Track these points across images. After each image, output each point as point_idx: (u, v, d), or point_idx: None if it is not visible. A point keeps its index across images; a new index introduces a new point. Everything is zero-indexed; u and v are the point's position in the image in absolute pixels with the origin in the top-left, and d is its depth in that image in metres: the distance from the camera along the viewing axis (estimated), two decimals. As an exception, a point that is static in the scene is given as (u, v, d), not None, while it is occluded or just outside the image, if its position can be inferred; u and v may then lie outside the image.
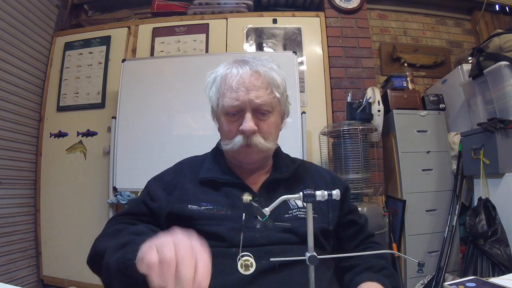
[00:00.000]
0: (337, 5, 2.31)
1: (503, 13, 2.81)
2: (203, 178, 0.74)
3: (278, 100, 0.74)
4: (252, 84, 0.69)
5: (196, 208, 0.68)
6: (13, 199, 2.08)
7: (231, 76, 0.71)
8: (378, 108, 1.97)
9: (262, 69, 0.72)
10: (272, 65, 0.75)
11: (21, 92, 2.19)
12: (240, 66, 0.71)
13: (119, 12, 2.55)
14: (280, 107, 0.76)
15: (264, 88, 0.70)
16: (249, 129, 0.68)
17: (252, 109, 0.69)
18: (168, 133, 2.02)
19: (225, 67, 0.74)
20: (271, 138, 0.73)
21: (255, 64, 0.72)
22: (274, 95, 0.71)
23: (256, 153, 0.72)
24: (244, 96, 0.68)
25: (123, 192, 1.97)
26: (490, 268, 1.56)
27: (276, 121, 0.75)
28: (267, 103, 0.70)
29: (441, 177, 2.03)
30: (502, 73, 1.72)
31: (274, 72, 0.73)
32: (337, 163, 1.83)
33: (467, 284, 0.55)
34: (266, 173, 0.77)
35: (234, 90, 0.69)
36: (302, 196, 0.53)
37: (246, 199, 0.67)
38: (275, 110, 0.73)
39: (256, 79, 0.70)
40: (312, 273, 0.53)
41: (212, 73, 0.76)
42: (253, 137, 0.70)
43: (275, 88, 0.72)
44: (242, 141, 0.70)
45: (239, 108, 0.70)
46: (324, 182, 0.79)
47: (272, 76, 0.72)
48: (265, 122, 0.71)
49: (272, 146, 0.74)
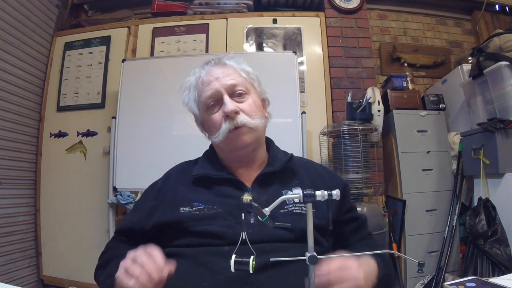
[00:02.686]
0: (337, 5, 2.31)
1: (503, 13, 2.81)
2: (196, 174, 0.74)
3: (251, 83, 0.78)
4: (221, 72, 0.75)
5: (188, 210, 0.69)
6: (13, 199, 2.08)
7: (200, 76, 0.77)
8: (378, 108, 1.97)
9: (225, 60, 0.78)
10: (238, 58, 0.80)
11: (21, 92, 2.19)
12: (206, 64, 0.78)
13: (119, 12, 2.56)
14: (255, 90, 0.78)
15: (232, 73, 0.75)
16: (231, 109, 0.70)
17: (228, 93, 0.73)
18: (168, 133, 2.02)
19: (193, 74, 0.80)
20: (256, 116, 0.74)
21: (218, 59, 0.79)
22: (244, 77, 0.76)
23: (247, 134, 0.72)
24: (217, 83, 0.73)
25: (123, 192, 1.97)
26: (490, 268, 1.56)
27: (255, 101, 0.76)
28: (240, 83, 0.74)
29: (441, 177, 2.03)
30: (502, 73, 1.72)
31: (239, 61, 0.79)
32: (337, 163, 1.83)
33: (467, 284, 0.55)
34: (259, 168, 0.77)
35: (207, 83, 0.74)
36: (302, 196, 0.53)
37: (246, 199, 0.67)
38: (251, 92, 0.76)
39: (224, 67, 0.76)
40: (312, 273, 0.53)
41: (184, 86, 0.82)
42: (237, 117, 0.71)
43: (243, 72, 0.77)
44: (228, 125, 0.71)
45: (216, 96, 0.73)
46: (322, 179, 0.78)
47: (238, 63, 0.78)
48: (245, 103, 0.74)
49: (260, 123, 0.74)
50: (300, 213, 0.68)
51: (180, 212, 0.69)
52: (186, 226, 0.67)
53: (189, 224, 0.67)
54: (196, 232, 0.66)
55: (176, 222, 0.68)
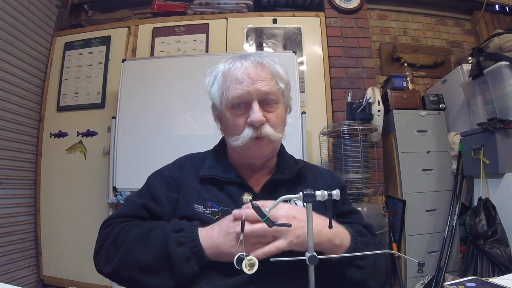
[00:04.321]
0: (337, 5, 2.31)
1: (503, 13, 2.81)
2: (203, 175, 0.72)
3: (283, 93, 0.73)
4: (258, 74, 0.69)
5: (201, 209, 0.67)
6: (13, 199, 2.08)
7: (234, 68, 0.70)
8: (378, 108, 1.97)
9: (266, 60, 0.72)
10: (275, 58, 0.75)
11: (21, 92, 2.19)
12: (244, 59, 0.71)
13: (119, 12, 2.55)
14: (284, 99, 0.75)
15: (269, 78, 0.70)
16: (258, 119, 0.66)
17: (258, 99, 0.68)
18: (168, 133, 2.02)
19: (226, 62, 0.73)
20: (280, 129, 0.71)
21: (258, 56, 0.72)
22: (279, 86, 0.71)
23: (267, 145, 0.70)
24: (250, 86, 0.67)
25: (123, 192, 1.97)
26: (490, 268, 1.56)
27: (282, 113, 0.73)
28: (274, 92, 0.70)
29: (441, 177, 2.03)
30: (502, 73, 1.72)
31: (277, 64, 0.73)
32: (337, 163, 1.82)
33: (467, 284, 0.55)
34: (268, 174, 0.76)
35: (239, 81, 0.68)
36: (302, 196, 0.53)
37: (246, 199, 0.66)
38: (280, 102, 0.73)
39: (261, 70, 0.70)
40: (312, 273, 0.53)
41: (212, 70, 0.75)
42: (263, 127, 0.68)
43: (279, 79, 0.71)
44: (251, 133, 0.67)
45: (245, 99, 0.68)
46: (326, 184, 0.78)
47: (276, 68, 0.72)
48: (273, 114, 0.70)
49: (281, 136, 0.72)
50: None
51: (195, 209, 0.67)
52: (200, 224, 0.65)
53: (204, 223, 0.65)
54: None
55: (192, 219, 0.66)
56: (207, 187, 0.71)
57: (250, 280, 0.58)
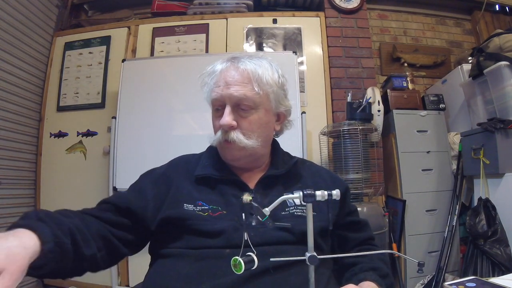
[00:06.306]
0: (337, 5, 2.31)
1: (503, 13, 2.81)
2: (198, 175, 0.73)
3: (266, 97, 0.71)
4: (234, 79, 0.69)
5: (191, 207, 0.67)
6: (13, 199, 2.08)
7: (216, 71, 0.72)
8: (378, 108, 1.97)
9: (248, 65, 0.70)
10: (263, 62, 0.73)
11: (21, 92, 2.19)
12: (225, 62, 0.73)
13: (119, 12, 2.56)
14: (270, 104, 0.72)
15: (245, 83, 0.69)
16: (225, 123, 0.68)
17: (232, 104, 0.69)
18: (168, 133, 2.02)
19: (215, 64, 0.75)
20: (253, 136, 0.70)
21: (241, 61, 0.71)
22: (256, 92, 0.68)
23: (238, 150, 0.70)
24: (224, 90, 0.69)
25: (123, 192, 1.97)
26: (490, 268, 1.56)
27: (260, 118, 0.71)
28: (248, 98, 0.68)
29: (441, 177, 2.03)
30: (502, 73, 1.72)
31: (262, 68, 0.71)
32: (337, 163, 1.83)
33: (467, 284, 0.55)
34: (262, 171, 0.76)
35: (217, 85, 0.70)
36: (302, 196, 0.53)
37: (246, 199, 0.66)
38: (260, 107, 0.70)
39: (239, 74, 0.69)
40: (312, 273, 0.53)
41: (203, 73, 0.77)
42: (230, 133, 0.69)
43: (260, 84, 0.69)
44: (221, 136, 0.70)
45: (221, 102, 0.70)
46: (324, 182, 0.78)
47: (257, 72, 0.69)
48: (245, 119, 0.70)
49: (255, 144, 0.70)
50: (301, 215, 0.68)
51: (184, 208, 0.67)
52: (189, 224, 0.65)
53: (193, 223, 0.65)
54: (200, 231, 0.64)
55: (180, 218, 0.66)
56: (200, 188, 0.71)
57: (249, 279, 0.58)
